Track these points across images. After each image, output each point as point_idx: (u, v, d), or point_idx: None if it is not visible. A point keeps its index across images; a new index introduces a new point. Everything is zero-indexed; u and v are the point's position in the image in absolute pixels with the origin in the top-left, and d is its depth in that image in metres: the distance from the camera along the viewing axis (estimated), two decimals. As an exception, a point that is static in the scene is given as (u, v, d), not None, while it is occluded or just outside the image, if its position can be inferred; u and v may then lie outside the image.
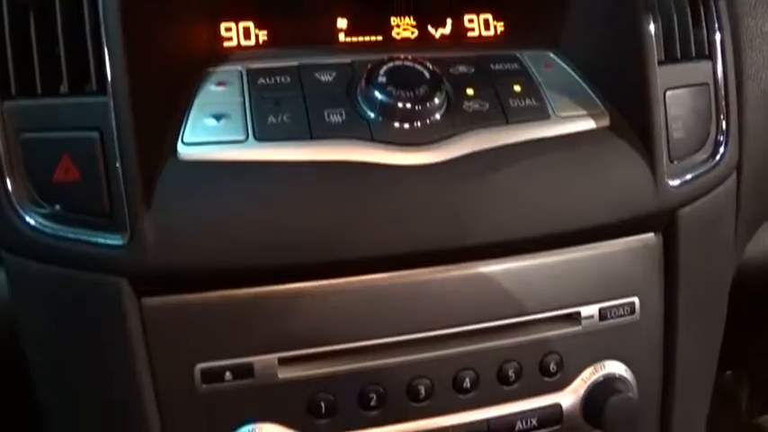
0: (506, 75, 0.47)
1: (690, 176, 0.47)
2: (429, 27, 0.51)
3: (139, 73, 0.39)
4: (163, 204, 0.38)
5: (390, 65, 0.44)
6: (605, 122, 0.46)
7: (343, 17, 0.50)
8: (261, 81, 0.44)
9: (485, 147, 0.43)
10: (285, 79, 0.44)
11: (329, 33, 0.50)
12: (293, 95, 0.43)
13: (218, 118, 0.42)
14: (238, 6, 0.48)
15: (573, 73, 0.49)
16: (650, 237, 0.48)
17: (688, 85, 0.47)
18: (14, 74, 0.39)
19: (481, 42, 0.52)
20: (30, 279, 0.40)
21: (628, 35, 0.46)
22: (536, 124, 0.45)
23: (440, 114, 0.44)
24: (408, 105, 0.43)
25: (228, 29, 0.48)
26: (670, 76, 0.46)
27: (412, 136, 0.43)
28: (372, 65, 0.44)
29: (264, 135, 0.41)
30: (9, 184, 0.38)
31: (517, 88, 0.46)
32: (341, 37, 0.50)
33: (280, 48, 0.48)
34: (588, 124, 0.46)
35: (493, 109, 0.45)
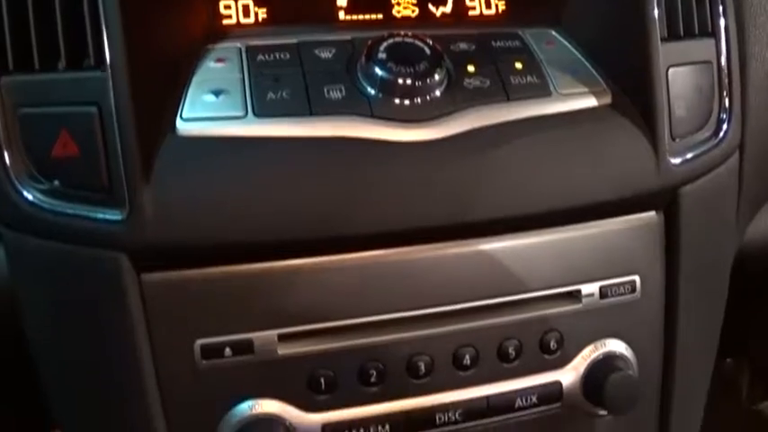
0: (507, 52, 0.47)
1: (692, 155, 0.47)
2: (430, 5, 0.51)
3: (137, 49, 0.38)
4: (162, 179, 0.38)
5: (391, 41, 0.44)
6: (607, 100, 0.46)
7: (343, -5, 0.49)
8: (260, 58, 0.44)
9: (485, 123, 0.43)
10: (284, 56, 0.44)
11: (329, 11, 0.49)
12: (293, 72, 0.43)
13: (216, 94, 0.42)
14: None
15: (575, 51, 0.49)
16: (652, 215, 0.48)
17: (691, 63, 0.47)
18: (12, 49, 0.38)
19: (482, 20, 0.52)
20: (29, 255, 0.40)
21: (630, 12, 0.45)
22: (537, 101, 0.45)
23: (440, 91, 0.43)
24: (408, 81, 0.42)
25: (228, 6, 0.48)
26: (673, 54, 0.46)
27: (412, 112, 0.42)
28: (372, 41, 0.44)
29: (263, 111, 0.41)
30: (7, 160, 0.38)
31: (518, 65, 0.46)
32: (341, 15, 0.49)
33: (279, 26, 0.48)
34: (590, 102, 0.46)
35: (494, 86, 0.45)
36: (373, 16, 0.50)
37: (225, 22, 0.48)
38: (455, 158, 0.42)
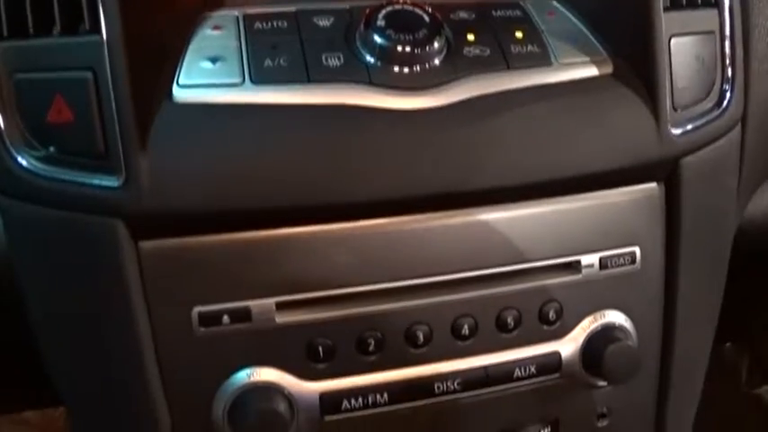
0: (508, 21, 0.46)
1: (693, 125, 0.46)
2: (429, -26, 0.50)
3: (133, 14, 0.38)
4: (158, 145, 0.38)
5: (390, 8, 0.43)
6: (608, 70, 0.46)
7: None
8: (257, 25, 0.43)
9: (485, 92, 0.43)
10: (282, 24, 0.44)
11: None
12: (290, 40, 0.42)
13: (213, 61, 0.41)
14: None
15: (576, 21, 0.48)
16: (652, 186, 0.47)
17: (693, 33, 0.46)
18: (6, 15, 0.38)
19: None
20: (25, 222, 0.40)
21: (633, -19, 0.45)
22: (538, 71, 0.44)
23: (439, 59, 0.43)
24: (408, 49, 0.42)
25: (225, -27, 0.47)
26: (675, 24, 0.45)
27: (411, 80, 0.42)
28: (371, 9, 0.43)
29: (261, 78, 0.41)
30: (2, 126, 0.38)
31: (519, 35, 0.46)
32: (339, -16, 0.49)
33: None
34: (591, 71, 0.45)
35: (494, 55, 0.44)
36: None
37: None
38: (454, 126, 0.41)
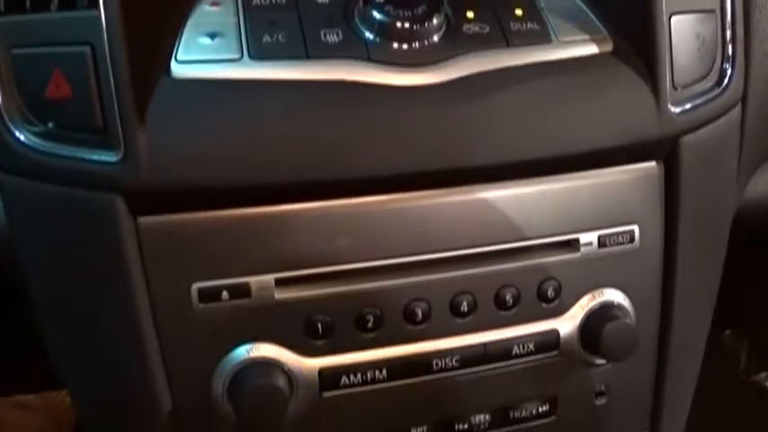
0: None
1: (693, 104, 0.46)
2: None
3: None
4: (157, 120, 0.38)
5: None
6: (608, 47, 0.45)
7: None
8: (256, 1, 0.43)
9: (485, 69, 0.42)
10: (280, 0, 0.43)
11: None
12: (289, 16, 0.42)
13: (212, 36, 0.41)
14: None
15: None
16: (652, 165, 0.47)
17: (694, 11, 0.46)
18: None
19: None
20: (24, 198, 0.40)
21: (633, -42, 0.45)
22: (537, 48, 0.44)
23: (438, 36, 0.43)
24: (407, 25, 0.42)
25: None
26: (676, 1, 0.45)
27: (410, 57, 0.42)
28: None
29: (259, 54, 0.40)
30: (0, 101, 0.38)
31: (518, 12, 0.45)
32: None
33: None
34: (591, 49, 0.45)
35: (493, 32, 0.44)
36: None
37: None
38: (453, 103, 0.41)
